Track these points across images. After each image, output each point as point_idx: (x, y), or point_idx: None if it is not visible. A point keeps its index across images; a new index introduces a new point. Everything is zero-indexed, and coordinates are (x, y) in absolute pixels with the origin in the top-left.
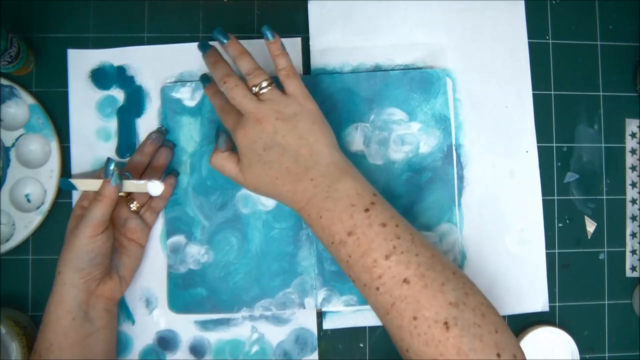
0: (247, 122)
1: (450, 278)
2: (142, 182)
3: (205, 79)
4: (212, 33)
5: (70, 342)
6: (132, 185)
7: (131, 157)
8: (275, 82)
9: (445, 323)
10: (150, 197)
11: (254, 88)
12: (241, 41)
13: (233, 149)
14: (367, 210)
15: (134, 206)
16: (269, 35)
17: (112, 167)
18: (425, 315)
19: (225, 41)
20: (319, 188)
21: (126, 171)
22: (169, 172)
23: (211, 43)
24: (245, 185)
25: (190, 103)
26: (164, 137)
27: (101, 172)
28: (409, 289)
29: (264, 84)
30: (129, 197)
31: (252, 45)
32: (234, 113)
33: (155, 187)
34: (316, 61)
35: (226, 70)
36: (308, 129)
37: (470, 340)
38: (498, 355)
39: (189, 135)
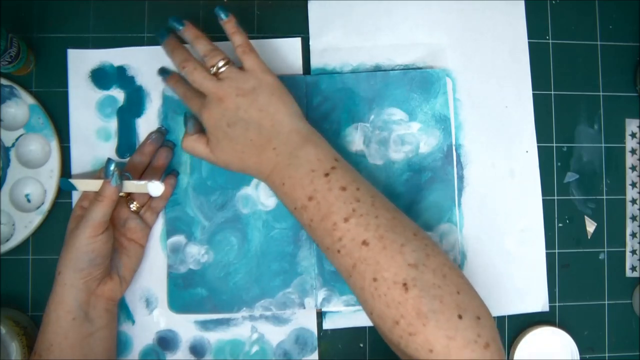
0: (210, 102)
1: (410, 239)
2: (142, 182)
3: (164, 72)
4: (169, 21)
5: (70, 342)
6: (132, 185)
7: (131, 157)
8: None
9: (404, 284)
10: (150, 197)
11: (212, 68)
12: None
13: (202, 131)
14: (327, 174)
15: (134, 206)
16: (223, 15)
17: (112, 167)
18: (385, 277)
19: (180, 27)
20: (281, 156)
21: (126, 171)
22: (169, 172)
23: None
24: (216, 163)
25: None
26: (164, 137)
27: (101, 172)
28: (368, 251)
29: (221, 63)
30: (129, 197)
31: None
32: (197, 97)
33: (155, 188)
34: (316, 61)
35: (184, 55)
36: (267, 101)
37: (429, 301)
38: (460, 316)
39: None
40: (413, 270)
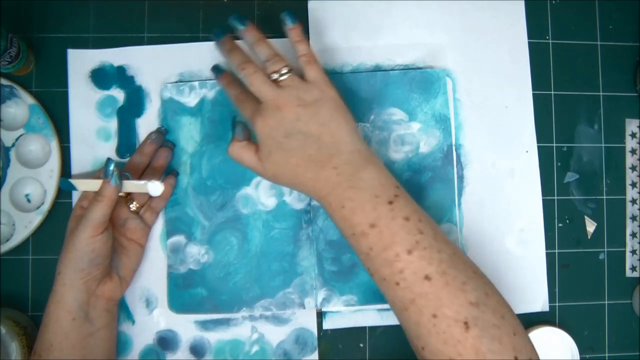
0: (267, 109)
1: (471, 277)
2: (142, 182)
3: (218, 70)
4: (229, 19)
5: (70, 343)
6: (132, 185)
7: (131, 158)
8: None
9: (466, 323)
10: (150, 197)
11: (273, 74)
12: (241, 41)
13: (251, 138)
14: (390, 202)
15: (133, 206)
16: (290, 21)
17: (111, 167)
18: (446, 314)
19: (242, 27)
20: (343, 177)
21: (126, 171)
22: (168, 172)
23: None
24: (264, 174)
25: (190, 103)
26: (163, 137)
27: (101, 172)
28: (430, 286)
29: (284, 70)
30: (129, 197)
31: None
32: (250, 101)
33: (155, 188)
34: None
35: (243, 57)
36: (330, 115)
37: (489, 341)
38: (515, 358)
39: (189, 135)
40: (475, 309)
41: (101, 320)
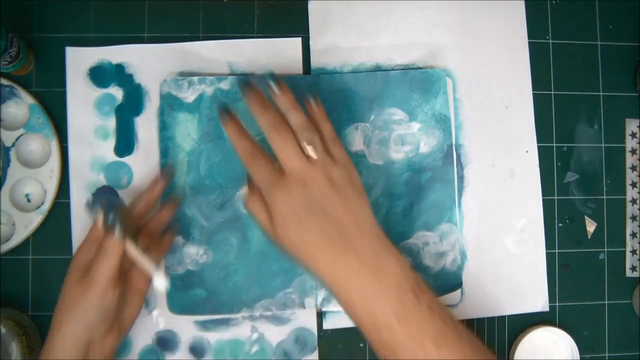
0: (293, 182)
1: None
2: (145, 260)
3: (226, 111)
4: (264, 76)
5: None
6: (135, 253)
7: (136, 203)
8: None
9: None
10: (158, 236)
11: (307, 146)
12: (241, 40)
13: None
14: (414, 291)
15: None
16: (312, 101)
17: (111, 217)
18: None
19: (278, 91)
20: (364, 264)
21: (129, 214)
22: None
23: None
24: (274, 241)
25: (188, 99)
26: (171, 179)
27: (97, 222)
28: None
29: (317, 141)
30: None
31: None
32: (267, 165)
33: (160, 283)
34: (316, 61)
35: (279, 118)
36: (354, 198)
37: None
38: None
39: (186, 132)
40: None
41: None
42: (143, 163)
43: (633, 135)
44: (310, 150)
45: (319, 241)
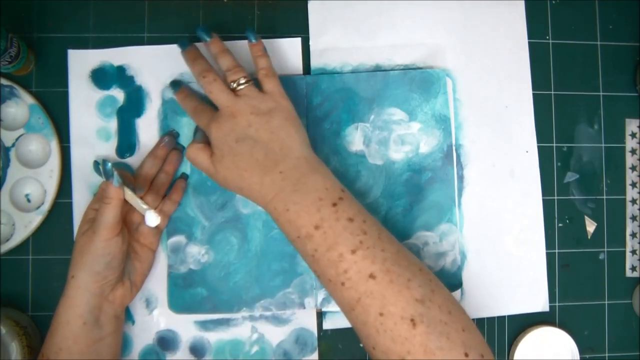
0: (222, 115)
1: (416, 274)
2: (142, 203)
3: (176, 84)
4: (195, 30)
5: (79, 347)
6: (131, 198)
7: (144, 161)
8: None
9: (412, 320)
10: (162, 199)
11: (232, 84)
12: (241, 41)
13: (209, 143)
14: (334, 204)
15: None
16: (252, 38)
17: (109, 167)
18: (392, 311)
19: (208, 39)
20: (287, 181)
21: (138, 175)
22: (178, 175)
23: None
24: (215, 178)
25: None
26: (175, 140)
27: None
28: (375, 284)
29: (242, 80)
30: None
31: (233, 46)
32: (207, 111)
33: (152, 218)
34: (316, 61)
35: (205, 66)
36: (281, 125)
37: (437, 337)
38: (466, 354)
39: (190, 135)
40: (420, 306)
41: (110, 326)
42: None
43: (633, 135)
44: (234, 86)
45: (248, 166)
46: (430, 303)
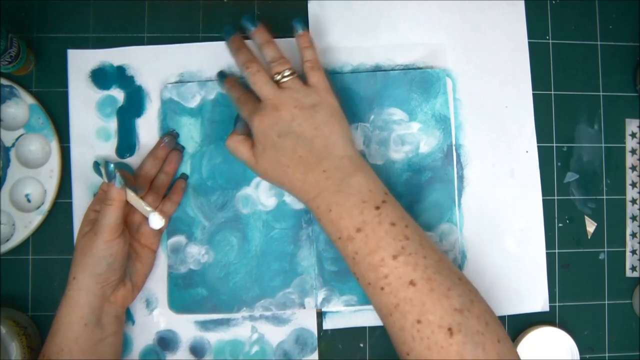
0: (265, 108)
1: (456, 283)
2: (145, 206)
3: (222, 75)
4: (241, 19)
5: (80, 348)
6: (134, 200)
7: (144, 161)
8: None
9: (450, 329)
10: (162, 200)
11: (276, 75)
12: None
13: (250, 134)
14: (377, 207)
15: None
16: (299, 28)
17: (112, 168)
18: (430, 319)
19: (252, 28)
20: (331, 180)
21: (138, 176)
22: (178, 176)
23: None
24: (256, 170)
25: (191, 104)
26: (175, 140)
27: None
28: (414, 291)
29: (287, 72)
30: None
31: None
32: (251, 102)
33: (156, 220)
34: None
35: (249, 56)
36: (325, 120)
37: (473, 348)
38: None
39: (189, 135)
40: (459, 316)
41: (111, 326)
42: None
43: (633, 135)
44: (278, 78)
45: (291, 162)
46: (469, 313)
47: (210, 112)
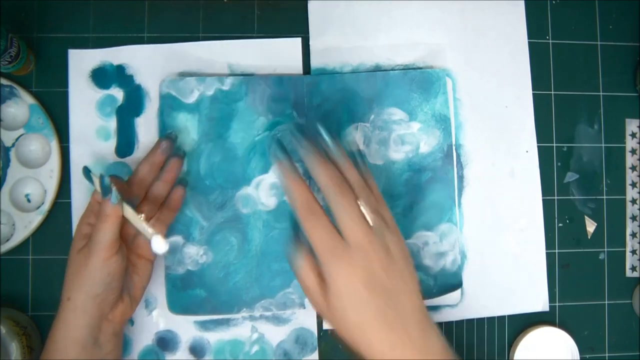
0: (356, 253)
1: None
2: (147, 228)
3: (275, 156)
4: (317, 127)
5: None
6: (133, 217)
7: (139, 167)
8: None
9: None
10: (160, 208)
11: (366, 212)
12: (241, 41)
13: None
14: None
15: (142, 219)
16: (361, 162)
17: (107, 182)
18: None
19: (332, 144)
20: (414, 344)
21: (132, 183)
22: (177, 182)
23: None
24: (323, 314)
25: (189, 99)
26: (174, 145)
27: (96, 194)
28: None
29: (372, 202)
30: (137, 209)
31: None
32: (325, 224)
33: (159, 245)
34: (316, 61)
35: (339, 175)
36: (406, 268)
37: None
38: None
39: (186, 132)
40: None
41: (109, 344)
42: None
43: (633, 135)
44: (367, 214)
45: (375, 321)
46: None
47: (208, 109)
